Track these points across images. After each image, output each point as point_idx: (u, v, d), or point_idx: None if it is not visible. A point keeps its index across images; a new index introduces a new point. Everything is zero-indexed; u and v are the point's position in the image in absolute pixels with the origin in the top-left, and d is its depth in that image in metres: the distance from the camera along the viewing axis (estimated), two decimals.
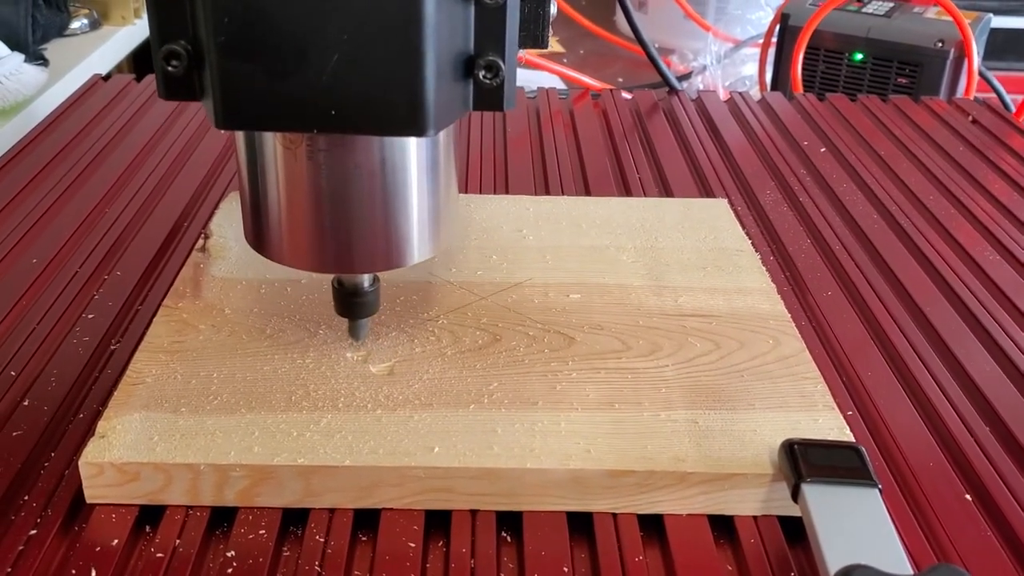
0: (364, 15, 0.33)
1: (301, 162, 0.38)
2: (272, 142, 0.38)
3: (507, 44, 0.35)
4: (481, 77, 0.36)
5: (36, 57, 1.18)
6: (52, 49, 1.27)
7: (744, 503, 0.40)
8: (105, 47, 1.34)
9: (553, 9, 0.40)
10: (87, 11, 1.38)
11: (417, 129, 0.35)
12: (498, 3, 0.35)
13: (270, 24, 0.33)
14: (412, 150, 0.39)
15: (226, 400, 0.42)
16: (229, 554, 0.37)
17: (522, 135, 0.80)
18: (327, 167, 0.38)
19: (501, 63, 0.35)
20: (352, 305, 0.44)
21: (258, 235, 0.41)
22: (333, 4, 0.33)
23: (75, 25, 1.35)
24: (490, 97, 0.36)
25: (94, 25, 1.39)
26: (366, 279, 0.44)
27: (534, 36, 0.39)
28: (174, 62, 0.35)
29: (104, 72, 0.99)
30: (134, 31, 1.44)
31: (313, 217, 0.39)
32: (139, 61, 1.50)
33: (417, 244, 0.41)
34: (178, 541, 0.38)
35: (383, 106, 0.34)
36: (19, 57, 1.10)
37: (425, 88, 0.34)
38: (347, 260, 0.41)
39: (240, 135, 0.39)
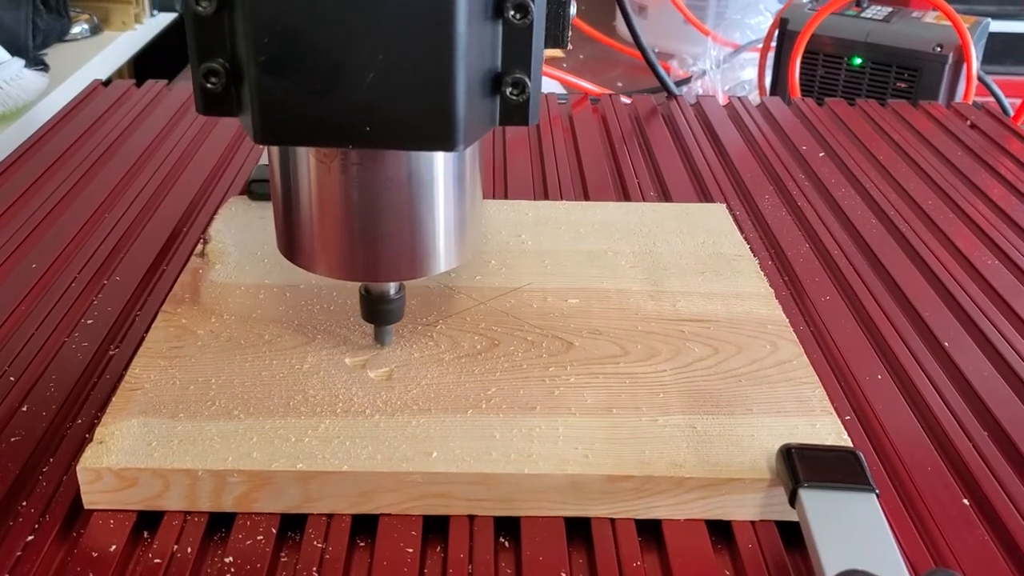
0: (398, 35, 0.34)
1: (334, 175, 0.39)
2: (306, 156, 0.39)
3: (533, 61, 0.36)
4: (508, 94, 0.37)
5: (37, 62, 1.19)
6: (53, 54, 1.27)
7: (742, 508, 0.40)
8: (105, 52, 1.35)
9: (573, 10, 0.40)
10: (88, 16, 1.39)
11: (447, 144, 0.36)
12: (526, 23, 0.35)
13: (308, 44, 0.34)
14: (440, 163, 0.40)
15: (224, 405, 0.42)
16: (227, 560, 0.37)
17: (521, 140, 0.80)
18: (359, 180, 0.39)
19: (527, 80, 0.36)
20: (379, 312, 0.45)
21: (290, 244, 0.42)
22: (368, 25, 0.34)
23: (76, 30, 1.36)
24: (516, 113, 0.37)
25: (95, 30, 1.39)
26: (392, 287, 0.45)
27: (554, 36, 0.40)
28: (212, 79, 0.36)
29: (104, 77, 1.00)
30: (134, 36, 1.44)
31: (345, 228, 0.40)
32: (139, 66, 1.50)
33: (444, 253, 0.42)
34: (176, 547, 0.38)
35: (415, 122, 0.35)
36: (19, 62, 1.11)
37: (455, 105, 0.35)
38: (376, 269, 0.42)
39: (275, 149, 0.40)
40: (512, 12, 0.35)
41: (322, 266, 0.42)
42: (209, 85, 0.36)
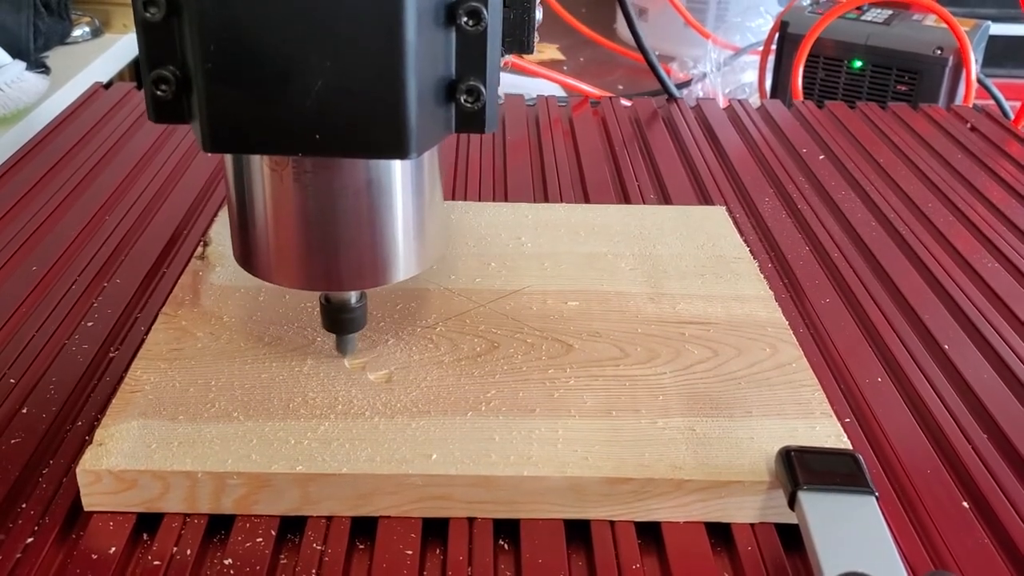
0: (347, 41, 0.33)
1: (287, 183, 0.39)
2: (259, 164, 0.39)
3: (488, 68, 0.36)
4: (463, 101, 0.36)
5: (38, 65, 1.18)
6: (54, 57, 1.27)
7: (741, 510, 0.40)
8: (106, 55, 1.35)
9: (539, 15, 0.40)
10: (89, 19, 1.39)
11: (400, 152, 0.35)
12: (479, 30, 0.35)
13: (256, 51, 0.34)
14: (396, 170, 0.39)
15: (224, 408, 0.42)
16: (227, 562, 0.37)
17: (521, 142, 0.80)
18: (313, 188, 0.39)
19: (482, 87, 0.36)
20: (339, 321, 0.45)
21: (246, 254, 0.42)
22: (317, 31, 0.33)
23: (77, 33, 1.36)
24: (472, 120, 0.37)
25: (96, 33, 1.39)
26: (353, 295, 0.44)
27: (520, 41, 0.40)
28: (163, 87, 0.35)
29: (105, 80, 1.00)
30: (135, 39, 1.44)
31: (300, 236, 0.40)
32: (140, 69, 1.50)
33: (403, 261, 0.41)
34: (175, 549, 0.38)
35: (367, 130, 0.35)
36: (21, 65, 1.11)
37: (407, 112, 0.34)
38: (334, 278, 0.41)
39: (228, 157, 0.40)
40: (465, 19, 0.35)
41: (278, 275, 0.41)
42: (159, 92, 0.35)
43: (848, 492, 0.37)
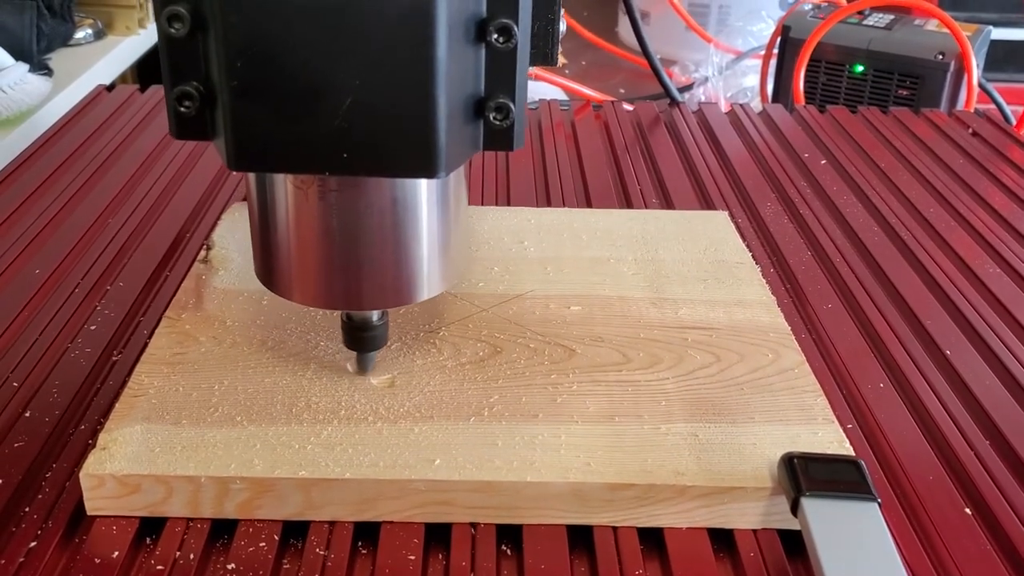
0: (376, 60, 0.33)
1: (312, 202, 0.38)
2: (283, 182, 0.38)
3: (517, 86, 0.36)
4: (491, 119, 0.36)
5: (40, 67, 1.18)
6: (57, 59, 1.27)
7: (744, 517, 0.40)
8: (109, 57, 1.35)
9: (562, 27, 0.40)
10: (92, 21, 1.39)
11: (429, 171, 0.35)
12: (509, 46, 0.35)
13: (283, 68, 0.33)
14: (423, 189, 0.39)
15: (227, 412, 0.42)
16: (229, 567, 0.37)
17: (524, 146, 0.80)
18: (338, 207, 0.38)
19: (511, 105, 0.36)
20: (361, 339, 0.44)
21: (268, 272, 0.42)
22: (346, 49, 0.33)
23: (80, 35, 1.36)
24: (500, 138, 0.36)
25: (99, 35, 1.39)
26: (375, 314, 0.44)
27: (544, 53, 0.39)
28: (186, 103, 0.35)
29: (108, 82, 1.00)
30: (138, 41, 1.44)
31: (324, 255, 0.40)
32: (143, 71, 1.50)
33: (427, 280, 0.41)
34: (178, 553, 0.38)
35: (395, 149, 0.35)
36: (23, 67, 1.11)
37: (436, 131, 0.34)
38: (357, 297, 0.41)
39: (252, 174, 0.40)
40: (495, 36, 0.34)
41: (300, 294, 0.41)
42: (183, 109, 0.35)
43: (851, 499, 0.37)
